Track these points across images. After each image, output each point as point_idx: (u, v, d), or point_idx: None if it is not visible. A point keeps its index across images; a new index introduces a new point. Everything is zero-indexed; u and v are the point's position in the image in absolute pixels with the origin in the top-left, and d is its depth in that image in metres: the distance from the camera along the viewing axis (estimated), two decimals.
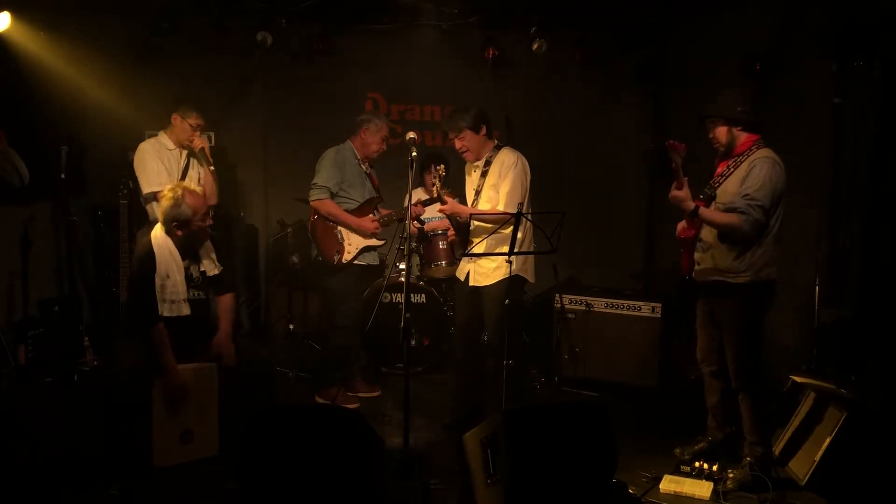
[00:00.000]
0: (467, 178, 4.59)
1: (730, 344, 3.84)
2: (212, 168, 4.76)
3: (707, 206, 3.78)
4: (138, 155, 4.63)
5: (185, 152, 4.75)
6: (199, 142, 4.71)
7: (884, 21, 4.12)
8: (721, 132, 3.78)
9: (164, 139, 4.72)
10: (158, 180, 4.54)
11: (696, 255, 3.92)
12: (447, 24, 6.34)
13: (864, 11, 4.21)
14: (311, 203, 4.90)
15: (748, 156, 3.73)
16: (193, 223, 3.89)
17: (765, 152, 3.72)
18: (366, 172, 5.03)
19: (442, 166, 4.45)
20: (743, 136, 3.77)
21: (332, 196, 4.87)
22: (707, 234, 3.85)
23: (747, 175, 3.66)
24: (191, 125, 4.68)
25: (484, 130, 4.35)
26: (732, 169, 3.77)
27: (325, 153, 4.94)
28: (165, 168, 4.64)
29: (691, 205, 3.72)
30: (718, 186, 3.80)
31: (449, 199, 4.38)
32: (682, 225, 3.96)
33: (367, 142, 4.95)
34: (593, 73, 6.40)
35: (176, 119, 4.68)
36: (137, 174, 4.63)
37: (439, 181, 4.37)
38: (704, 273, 3.89)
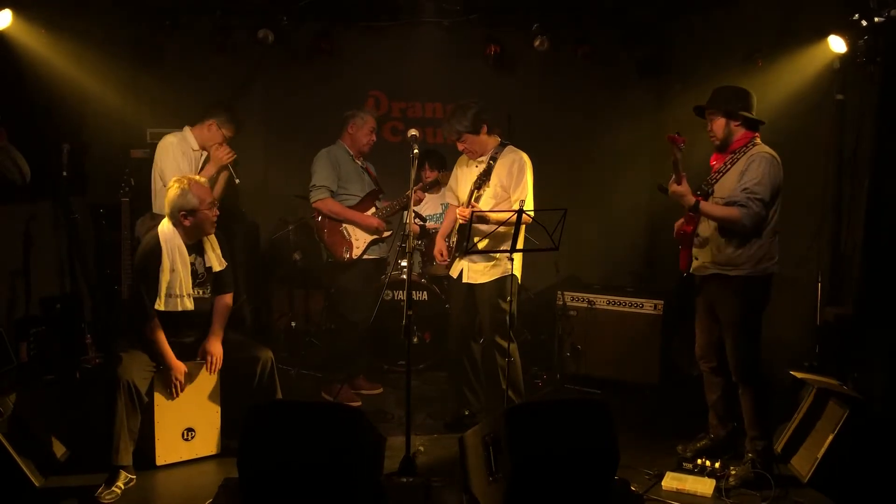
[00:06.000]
0: (462, 170, 4.56)
1: (729, 337, 3.85)
2: (237, 181, 4.80)
3: (704, 201, 3.79)
4: (168, 151, 4.58)
5: (205, 154, 4.74)
6: (230, 154, 4.70)
7: (886, 18, 4.11)
8: (719, 125, 3.80)
9: (190, 139, 4.70)
10: None
11: (694, 251, 3.94)
12: (448, 22, 6.33)
13: (865, 8, 4.20)
14: (314, 204, 4.91)
15: (745, 152, 3.76)
16: (200, 211, 3.94)
17: (762, 149, 3.74)
18: (361, 167, 5.04)
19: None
20: (740, 132, 3.79)
21: (333, 194, 4.88)
22: (705, 229, 3.87)
23: (746, 170, 3.69)
24: (224, 135, 4.71)
25: (485, 129, 4.32)
26: (729, 165, 3.79)
27: (317, 154, 4.95)
28: (189, 169, 4.63)
29: (692, 199, 3.74)
30: (716, 182, 3.82)
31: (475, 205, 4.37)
32: (680, 222, 3.98)
33: (355, 136, 4.97)
34: (595, 69, 6.38)
35: (213, 126, 4.68)
36: (163, 170, 4.59)
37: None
38: (703, 267, 3.91)
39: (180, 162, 4.60)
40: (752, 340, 3.81)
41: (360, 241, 4.91)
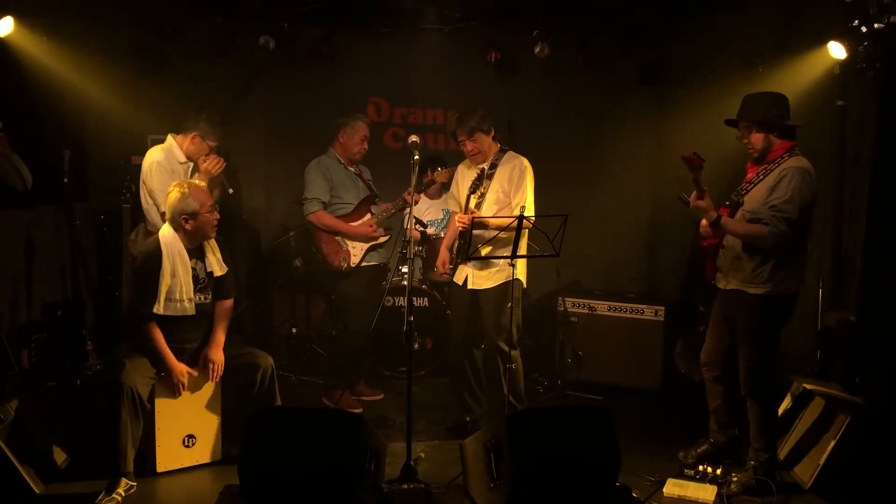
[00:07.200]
0: (463, 177, 4.56)
1: (744, 352, 3.80)
2: (231, 191, 4.75)
3: (733, 212, 3.74)
4: (154, 172, 4.47)
5: (191, 165, 4.69)
6: (219, 164, 4.57)
7: (886, 24, 4.12)
8: (757, 138, 3.70)
9: (176, 151, 4.58)
10: None
11: (718, 262, 3.89)
12: (449, 28, 6.35)
13: (865, 14, 4.20)
14: (307, 217, 4.92)
15: (779, 164, 3.66)
16: (201, 214, 3.96)
17: (797, 161, 3.64)
18: (354, 173, 5.04)
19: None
20: (778, 142, 3.70)
21: (326, 206, 4.88)
22: (730, 241, 3.81)
23: (776, 185, 3.60)
24: (209, 146, 4.61)
25: (493, 132, 4.39)
26: (762, 176, 3.69)
27: (308, 166, 4.96)
28: None
29: (714, 214, 3.68)
30: (746, 193, 3.74)
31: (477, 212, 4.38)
32: (706, 232, 3.91)
33: (346, 145, 4.96)
34: (596, 75, 6.38)
35: (196, 139, 4.56)
36: (152, 190, 4.53)
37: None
38: (725, 280, 3.87)
39: (167, 182, 4.40)
40: (766, 357, 3.76)
41: (357, 248, 4.91)
